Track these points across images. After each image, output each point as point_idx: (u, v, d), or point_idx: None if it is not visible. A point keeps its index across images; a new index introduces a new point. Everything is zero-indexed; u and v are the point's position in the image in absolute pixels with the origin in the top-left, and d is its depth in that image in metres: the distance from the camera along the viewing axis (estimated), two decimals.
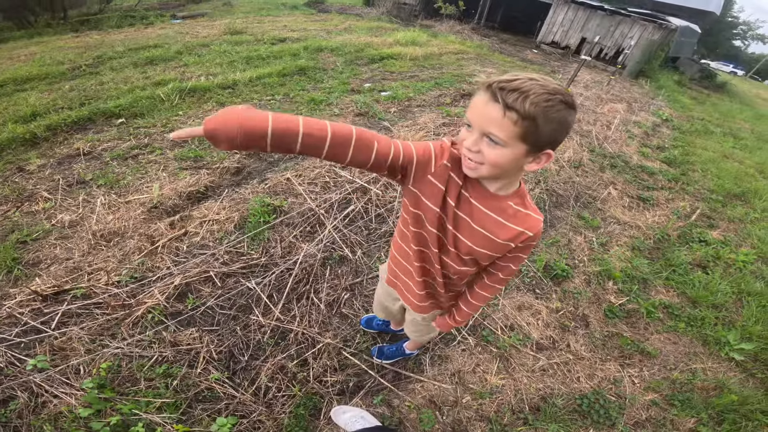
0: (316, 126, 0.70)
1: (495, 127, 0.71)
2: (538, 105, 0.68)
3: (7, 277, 2.11)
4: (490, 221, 0.90)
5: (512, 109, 0.68)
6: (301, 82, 5.20)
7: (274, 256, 2.36)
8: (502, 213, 0.90)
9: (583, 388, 1.97)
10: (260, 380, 1.77)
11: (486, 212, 0.90)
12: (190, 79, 4.70)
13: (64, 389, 1.61)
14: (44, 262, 2.22)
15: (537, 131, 0.71)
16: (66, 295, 2.01)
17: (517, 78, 0.70)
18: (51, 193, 2.74)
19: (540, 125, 0.70)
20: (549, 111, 0.69)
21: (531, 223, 0.92)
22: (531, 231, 0.92)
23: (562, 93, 0.71)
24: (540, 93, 0.68)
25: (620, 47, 11.16)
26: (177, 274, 2.17)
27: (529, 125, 0.70)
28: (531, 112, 0.68)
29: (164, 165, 3.05)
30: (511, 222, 0.90)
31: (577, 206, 3.46)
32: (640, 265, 2.84)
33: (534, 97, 0.67)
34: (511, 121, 0.69)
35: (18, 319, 1.88)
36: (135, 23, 9.27)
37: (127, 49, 6.01)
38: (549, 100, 0.68)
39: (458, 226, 0.94)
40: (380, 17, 13.20)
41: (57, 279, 2.08)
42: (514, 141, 0.72)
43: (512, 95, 0.68)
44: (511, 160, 0.75)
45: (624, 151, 4.90)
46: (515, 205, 0.90)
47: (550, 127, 0.71)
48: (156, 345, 1.82)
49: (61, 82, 4.67)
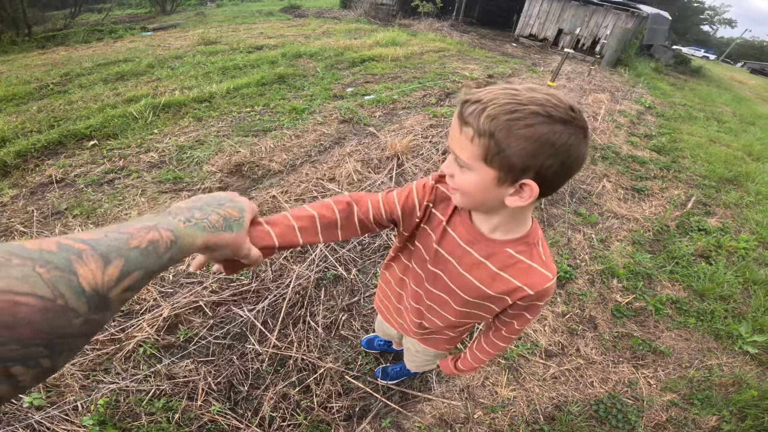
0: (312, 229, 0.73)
1: (456, 147, 0.62)
2: (497, 118, 0.54)
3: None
4: (480, 268, 0.78)
5: (468, 124, 0.57)
6: (281, 90, 5.06)
7: (265, 280, 2.25)
8: (495, 260, 0.77)
9: (597, 393, 1.92)
10: (263, 410, 1.69)
11: (475, 256, 0.78)
12: (163, 93, 4.51)
13: (65, 426, 1.56)
14: None
15: (501, 151, 0.56)
16: None
17: (490, 89, 0.58)
18: (26, 226, 2.57)
19: (502, 144, 0.55)
20: (513, 125, 0.53)
21: (534, 279, 0.75)
22: (531, 288, 0.75)
23: (547, 103, 0.54)
24: (502, 103, 0.54)
25: (596, 37, 11.28)
26: (165, 306, 2.06)
27: (488, 143, 0.56)
28: (486, 127, 0.55)
29: (142, 189, 2.89)
30: (507, 273, 0.76)
31: (572, 202, 3.43)
32: (643, 260, 2.81)
33: (492, 108, 0.54)
34: (468, 138, 0.58)
35: None
36: (103, 37, 8.98)
37: (95, 64, 5.77)
38: (514, 111, 0.53)
39: (441, 268, 0.84)
40: (358, 19, 13.10)
41: None
42: (477, 163, 0.60)
43: (470, 107, 0.57)
44: (480, 187, 0.63)
45: (613, 141, 4.91)
46: (517, 253, 0.75)
47: (519, 146, 0.55)
48: (152, 378, 1.75)
49: (28, 103, 4.44)
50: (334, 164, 3.19)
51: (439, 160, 3.38)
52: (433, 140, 3.68)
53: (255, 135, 3.74)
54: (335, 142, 3.73)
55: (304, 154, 3.45)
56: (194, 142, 3.52)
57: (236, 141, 3.56)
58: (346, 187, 2.91)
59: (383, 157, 3.29)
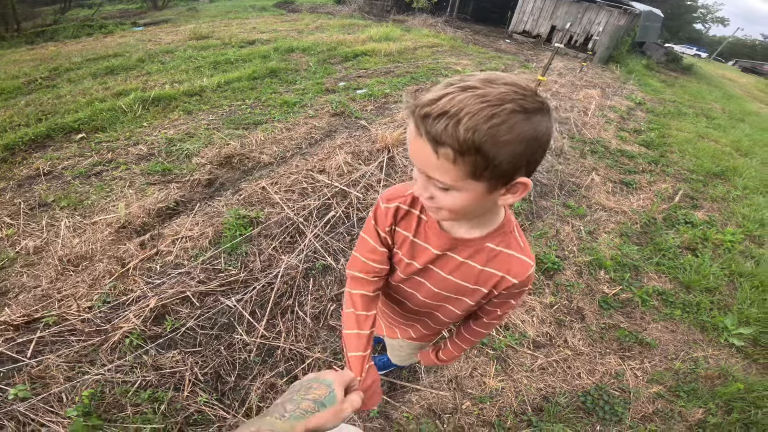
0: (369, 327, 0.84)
1: (434, 170, 0.53)
2: (478, 129, 0.46)
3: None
4: (462, 268, 0.77)
5: (443, 144, 0.49)
6: (273, 84, 5.04)
7: (253, 270, 2.25)
8: (478, 258, 0.75)
9: (585, 385, 1.93)
10: (251, 400, 1.70)
11: (457, 259, 0.76)
12: (153, 87, 4.49)
13: (50, 417, 1.55)
14: (12, 291, 2.10)
15: (490, 163, 0.50)
16: (38, 323, 1.90)
17: (446, 92, 0.49)
18: (13, 218, 2.56)
19: (491, 155, 0.49)
20: (497, 132, 0.47)
21: (516, 267, 0.74)
22: (515, 277, 0.74)
23: (516, 96, 0.48)
24: (476, 110, 0.46)
25: (589, 34, 11.34)
26: (152, 297, 2.06)
27: (475, 159, 0.49)
28: (469, 142, 0.47)
29: (130, 181, 2.87)
30: (490, 266, 0.75)
31: (561, 195, 3.45)
32: (630, 252, 2.84)
33: (468, 120, 0.46)
34: (448, 159, 0.50)
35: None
36: (93, 33, 8.88)
37: (85, 59, 5.72)
38: (493, 116, 0.46)
39: (425, 276, 0.84)
40: (352, 14, 13.05)
41: (26, 308, 1.97)
42: (464, 182, 0.53)
43: (438, 124, 0.48)
44: (472, 202, 0.58)
45: (603, 136, 4.95)
46: (496, 245, 0.73)
47: (508, 151, 0.49)
48: (138, 369, 1.75)
49: (16, 98, 4.40)
50: (324, 156, 3.20)
51: None
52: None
53: (245, 128, 3.74)
54: (326, 134, 3.73)
55: (294, 147, 3.46)
56: (184, 135, 3.51)
57: (226, 134, 3.56)
58: (336, 179, 2.91)
59: (374, 149, 3.30)
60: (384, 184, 2.94)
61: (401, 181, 3.02)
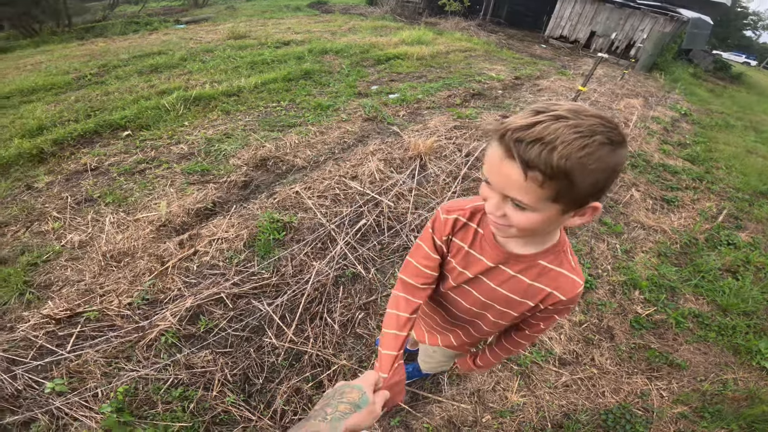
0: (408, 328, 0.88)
1: (516, 191, 0.57)
2: (570, 158, 0.50)
3: (20, 300, 2.09)
4: (513, 281, 0.80)
5: (534, 168, 0.52)
6: (307, 86, 5.10)
7: (285, 275, 2.28)
8: (529, 273, 0.78)
9: (608, 403, 1.91)
10: (276, 403, 1.73)
11: (508, 273, 0.80)
12: (194, 86, 4.64)
13: (84, 412, 1.61)
14: (56, 284, 2.19)
15: (573, 189, 0.54)
16: (79, 317, 1.98)
17: (539, 120, 0.52)
18: (60, 212, 2.69)
19: (577, 181, 0.52)
20: (587, 161, 0.51)
21: (564, 285, 0.77)
22: (563, 294, 0.77)
23: (604, 129, 0.52)
24: (571, 140, 0.50)
25: (632, 40, 10.88)
26: (188, 296, 2.11)
27: (561, 184, 0.53)
28: (561, 168, 0.51)
29: (171, 180, 2.98)
30: (539, 281, 0.78)
31: None
32: (668, 273, 2.74)
33: (563, 148, 0.50)
34: (536, 182, 0.53)
35: (33, 342, 1.86)
36: (139, 29, 9.28)
37: (131, 56, 5.98)
38: (585, 146, 0.50)
39: (474, 286, 0.87)
40: (384, 16, 13.06)
41: (69, 302, 2.05)
42: (543, 204, 0.57)
43: (533, 149, 0.51)
44: (543, 222, 0.61)
45: (644, 149, 4.74)
46: (549, 263, 0.76)
47: (592, 179, 0.53)
48: (171, 368, 1.80)
49: (66, 93, 4.64)
50: (357, 162, 3.20)
51: (462, 162, 3.34)
52: (456, 142, 3.64)
53: (280, 130, 3.80)
54: (359, 140, 3.74)
55: (327, 151, 3.48)
56: (222, 135, 3.60)
57: (262, 135, 3.62)
58: (368, 186, 2.91)
59: (406, 157, 3.27)
60: (416, 194, 2.91)
61: (432, 191, 2.99)
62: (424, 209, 2.81)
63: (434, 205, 2.86)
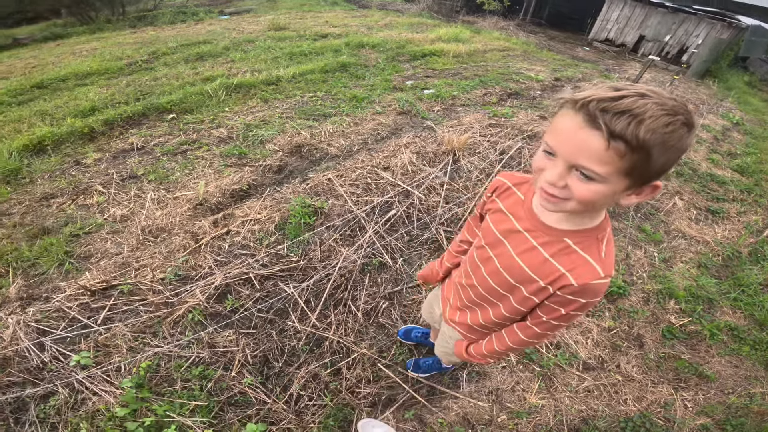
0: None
1: (592, 161, 0.56)
2: (656, 132, 0.51)
3: (59, 270, 2.20)
4: (532, 253, 0.78)
5: (620, 138, 0.52)
6: (343, 78, 5.14)
7: (313, 260, 2.31)
8: (549, 247, 0.75)
9: (629, 411, 1.85)
10: (293, 387, 1.74)
11: (530, 242, 0.78)
12: (236, 75, 4.78)
13: (104, 387, 1.64)
14: (95, 256, 2.30)
15: (649, 163, 0.55)
16: (113, 290, 2.05)
17: (624, 94, 0.53)
18: (105, 186, 2.84)
19: (654, 156, 0.54)
20: (668, 138, 0.52)
21: (581, 270, 0.71)
22: (576, 279, 0.71)
23: (684, 111, 0.54)
24: (658, 115, 0.51)
25: (684, 46, 10.27)
26: (218, 275, 2.16)
27: (640, 158, 0.54)
28: (645, 142, 0.52)
29: (210, 161, 3.08)
30: (556, 259, 0.74)
31: (637, 217, 3.19)
32: (707, 285, 2.63)
33: (651, 122, 0.51)
34: (617, 153, 0.54)
35: (66, 313, 1.94)
36: (186, 19, 9.67)
37: (179, 45, 6.23)
38: (669, 123, 0.52)
39: (496, 252, 0.87)
40: (421, 13, 12.96)
41: (106, 274, 2.14)
42: (616, 176, 0.57)
43: (621, 120, 0.52)
44: (606, 197, 0.60)
45: (692, 157, 4.48)
46: (575, 243, 0.72)
47: (666, 158, 0.55)
48: (194, 345, 1.83)
49: (118, 78, 4.90)
50: (389, 153, 3.20)
51: (496, 159, 3.26)
52: (491, 139, 3.56)
53: (316, 119, 3.85)
54: (392, 132, 3.74)
55: (361, 141, 3.50)
56: (260, 122, 3.70)
57: (298, 123, 3.69)
58: (400, 177, 2.90)
59: (439, 151, 3.24)
60: (447, 188, 2.87)
61: (464, 186, 2.94)
62: (454, 203, 2.77)
63: (465, 200, 2.81)
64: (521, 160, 3.33)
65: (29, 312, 1.93)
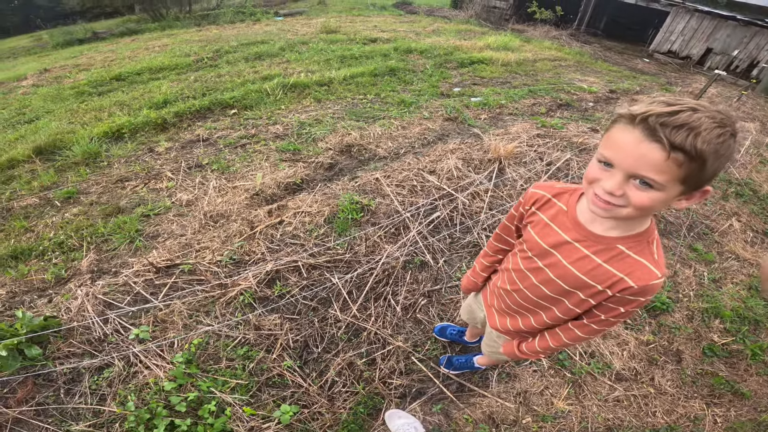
0: None
1: (652, 171, 0.61)
2: (711, 143, 0.57)
3: (129, 247, 2.43)
4: (585, 261, 0.81)
5: (679, 149, 0.57)
6: (392, 83, 5.28)
7: (358, 253, 2.42)
8: (603, 254, 0.78)
9: (657, 424, 1.81)
10: (328, 374, 1.83)
11: (582, 252, 0.81)
12: (291, 75, 5.05)
13: (156, 361, 1.76)
14: (162, 236, 2.52)
15: (703, 171, 0.60)
16: (175, 269, 2.24)
17: (679, 108, 0.58)
18: (174, 173, 3.12)
19: (708, 165, 0.59)
20: (720, 148, 0.58)
21: (639, 273, 0.75)
22: (635, 281, 0.75)
23: (730, 123, 0.59)
24: (712, 128, 0.57)
25: (755, 60, 9.52)
26: (270, 261, 2.31)
27: (696, 166, 0.59)
28: (702, 152, 0.57)
29: (267, 155, 3.30)
30: (611, 265, 0.77)
31: (689, 236, 3.06)
32: (755, 306, 2.51)
33: (706, 134, 0.57)
34: (676, 163, 0.59)
35: (132, 288, 2.12)
36: (245, 19, 10.26)
37: (239, 44, 6.66)
38: (721, 135, 0.58)
39: (546, 262, 0.89)
40: (469, 20, 12.88)
41: (170, 253, 2.34)
42: (672, 183, 0.62)
43: (680, 133, 0.57)
44: (662, 203, 0.65)
45: (754, 178, 4.19)
46: (627, 248, 0.76)
47: (717, 165, 0.60)
48: (242, 327, 1.95)
49: (187, 73, 5.33)
50: (435, 158, 3.27)
51: (542, 170, 3.24)
52: (538, 150, 3.54)
53: (365, 121, 4.00)
54: (438, 137, 3.80)
55: (408, 145, 3.60)
56: (313, 121, 3.90)
57: (348, 124, 3.86)
58: (445, 182, 2.96)
59: (485, 159, 3.27)
60: (491, 195, 2.90)
61: (509, 195, 2.96)
62: (498, 210, 2.79)
63: (509, 207, 2.83)
64: (569, 172, 3.28)
65: (98, 285, 2.11)
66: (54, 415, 1.63)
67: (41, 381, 1.74)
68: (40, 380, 1.74)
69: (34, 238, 2.53)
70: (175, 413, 1.60)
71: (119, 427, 1.57)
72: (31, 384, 1.72)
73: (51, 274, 2.23)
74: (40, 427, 1.59)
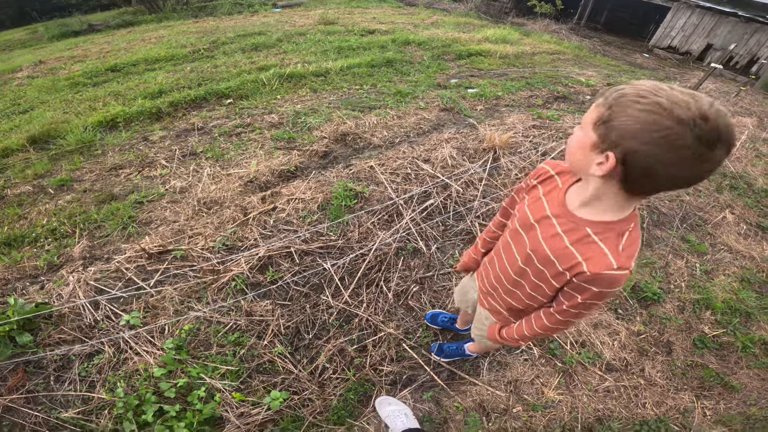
0: None
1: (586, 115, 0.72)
2: (624, 97, 0.63)
3: (122, 233, 2.43)
4: (556, 239, 0.83)
5: (601, 94, 0.68)
6: (389, 74, 5.25)
7: (350, 240, 2.42)
8: (571, 235, 0.80)
9: (646, 415, 1.83)
10: (319, 360, 1.83)
11: (556, 228, 0.84)
12: (288, 65, 5.03)
13: (146, 347, 1.77)
14: (155, 222, 2.53)
15: (609, 121, 0.65)
16: (167, 255, 2.24)
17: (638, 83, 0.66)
18: (168, 161, 3.12)
19: (613, 116, 0.64)
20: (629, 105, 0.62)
21: (595, 259, 0.76)
22: (589, 268, 0.76)
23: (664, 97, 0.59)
24: (625, 88, 0.64)
25: (755, 56, 9.51)
26: (262, 247, 2.32)
27: (604, 112, 0.66)
28: (609, 99, 0.65)
29: (262, 143, 3.30)
30: (575, 247, 0.79)
31: (682, 228, 3.08)
32: (747, 298, 2.53)
33: (617, 89, 0.66)
34: (596, 105, 0.68)
35: (123, 274, 2.12)
36: (243, 11, 10.19)
37: (236, 35, 6.62)
38: (625, 94, 0.63)
39: (528, 234, 0.92)
40: (468, 13, 12.79)
41: (163, 239, 2.34)
42: (588, 126, 0.69)
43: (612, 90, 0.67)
44: (577, 144, 0.72)
45: (749, 171, 4.21)
46: (594, 233, 0.77)
47: (621, 122, 0.63)
48: (233, 313, 1.96)
49: (183, 64, 5.30)
50: (430, 147, 3.27)
51: (537, 159, 3.25)
52: (534, 140, 3.54)
53: (361, 111, 4.00)
54: (434, 127, 3.80)
55: (403, 134, 3.60)
56: (309, 110, 3.90)
57: (344, 113, 3.85)
58: (439, 170, 2.97)
59: (480, 148, 3.27)
60: (485, 184, 2.90)
61: (503, 183, 2.96)
62: (491, 198, 2.80)
63: (503, 195, 2.84)
64: None
65: (90, 271, 2.11)
66: (44, 402, 1.63)
67: (32, 368, 1.73)
68: (30, 367, 1.74)
69: (27, 225, 2.53)
70: (165, 399, 1.60)
71: (108, 413, 1.57)
72: (22, 371, 1.71)
73: (43, 260, 2.22)
74: (30, 414, 1.59)
